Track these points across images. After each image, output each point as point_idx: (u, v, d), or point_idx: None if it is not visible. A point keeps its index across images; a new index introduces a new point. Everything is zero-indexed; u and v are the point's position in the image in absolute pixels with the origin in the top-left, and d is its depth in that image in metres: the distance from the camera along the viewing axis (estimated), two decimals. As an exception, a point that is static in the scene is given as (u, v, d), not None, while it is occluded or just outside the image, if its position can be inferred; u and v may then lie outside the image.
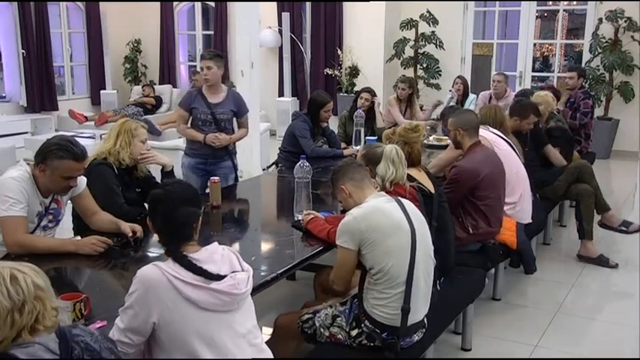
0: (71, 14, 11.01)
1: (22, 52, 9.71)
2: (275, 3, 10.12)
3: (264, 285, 2.60)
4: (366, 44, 9.81)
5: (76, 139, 3.01)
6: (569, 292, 4.33)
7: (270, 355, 2.19)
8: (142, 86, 10.55)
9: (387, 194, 2.79)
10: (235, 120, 4.72)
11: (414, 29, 9.41)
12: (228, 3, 10.56)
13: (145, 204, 2.31)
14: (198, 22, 11.43)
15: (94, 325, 2.09)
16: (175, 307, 1.93)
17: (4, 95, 10.22)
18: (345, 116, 5.91)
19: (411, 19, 9.35)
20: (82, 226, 3.20)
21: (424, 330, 2.72)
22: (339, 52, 9.96)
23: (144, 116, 9.17)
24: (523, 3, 9.42)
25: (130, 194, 3.46)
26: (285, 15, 9.77)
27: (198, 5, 11.32)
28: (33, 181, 2.89)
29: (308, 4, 10.29)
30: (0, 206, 2.78)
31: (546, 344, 3.60)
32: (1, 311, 1.50)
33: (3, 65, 10.26)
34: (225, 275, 2.03)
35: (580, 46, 10.04)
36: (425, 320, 2.72)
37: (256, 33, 6.13)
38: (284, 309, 3.48)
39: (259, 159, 6.02)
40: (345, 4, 9.96)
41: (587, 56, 8.88)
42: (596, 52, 8.50)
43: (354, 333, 2.64)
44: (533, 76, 9.80)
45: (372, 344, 2.62)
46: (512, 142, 4.40)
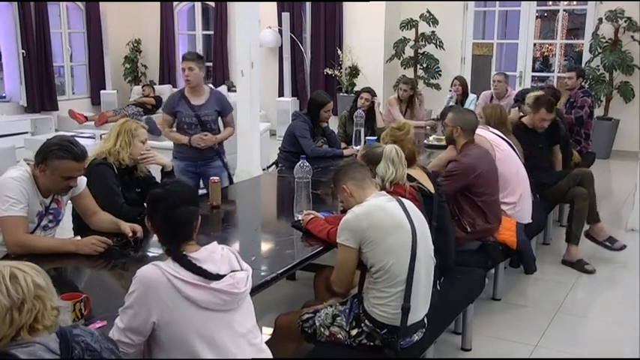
0: (71, 14, 11.02)
1: (22, 52, 9.71)
2: (275, 3, 10.12)
3: (264, 285, 2.60)
4: (366, 44, 9.81)
5: (76, 139, 3.01)
6: (569, 292, 4.33)
7: (270, 355, 2.19)
8: (142, 86, 10.55)
9: (387, 194, 2.79)
10: (220, 119, 4.73)
11: (414, 29, 9.42)
12: (228, 3, 10.57)
13: (145, 204, 2.30)
14: (198, 22, 11.43)
15: (94, 325, 2.09)
16: (175, 307, 1.93)
17: (4, 95, 10.23)
18: (345, 116, 5.91)
19: (411, 19, 9.35)
20: (82, 226, 3.20)
21: (424, 330, 2.73)
22: (339, 52, 9.96)
23: (144, 116, 9.17)
24: (523, 3, 9.42)
25: (130, 194, 3.46)
26: (285, 15, 9.77)
27: (198, 5, 11.32)
28: (33, 181, 2.89)
29: (308, 4, 10.29)
30: (0, 206, 2.79)
31: (546, 344, 3.60)
32: (0, 309, 1.50)
33: (3, 65, 10.27)
34: (225, 275, 2.04)
35: (580, 46, 10.04)
36: (425, 320, 2.72)
37: (256, 33, 6.13)
38: (284, 309, 3.48)
39: (259, 159, 6.02)
40: (345, 4, 9.96)
41: (587, 56, 8.88)
42: (596, 52, 8.50)
43: (354, 332, 2.64)
44: (533, 76, 9.80)
45: (372, 344, 2.62)
46: (512, 142, 4.41)
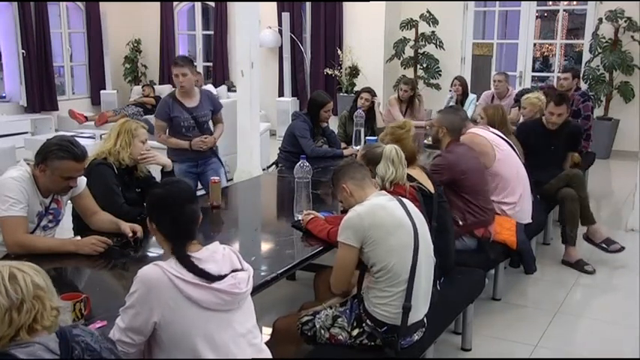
0: (71, 14, 11.02)
1: (22, 52, 9.71)
2: (275, 3, 10.12)
3: (264, 285, 2.60)
4: (366, 44, 9.81)
5: (76, 139, 3.01)
6: (569, 292, 4.33)
7: (270, 355, 2.19)
8: (142, 86, 10.54)
9: (387, 193, 2.79)
10: (211, 118, 4.74)
11: (414, 29, 9.41)
12: (228, 3, 10.57)
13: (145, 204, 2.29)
14: (198, 22, 11.43)
15: (94, 325, 2.09)
16: (177, 307, 1.93)
17: (4, 95, 10.23)
18: (345, 116, 5.92)
19: (411, 19, 9.35)
20: (82, 226, 3.20)
21: (424, 329, 2.72)
22: (339, 52, 9.96)
23: (144, 116, 9.17)
24: (523, 3, 9.42)
25: (130, 194, 3.46)
26: (285, 15, 9.77)
27: (198, 5, 11.32)
28: (33, 181, 2.89)
29: (308, 4, 10.29)
30: (0, 206, 2.79)
31: (546, 344, 3.60)
32: None
33: (3, 65, 10.26)
34: (226, 275, 2.04)
35: (580, 46, 10.04)
36: (425, 320, 2.72)
37: (256, 33, 6.13)
38: (284, 309, 3.49)
39: (259, 159, 6.03)
40: (345, 4, 9.96)
41: (587, 56, 8.87)
42: (596, 52, 8.50)
43: (355, 333, 2.64)
44: (533, 76, 9.80)
45: (372, 343, 2.62)
46: (512, 143, 4.41)
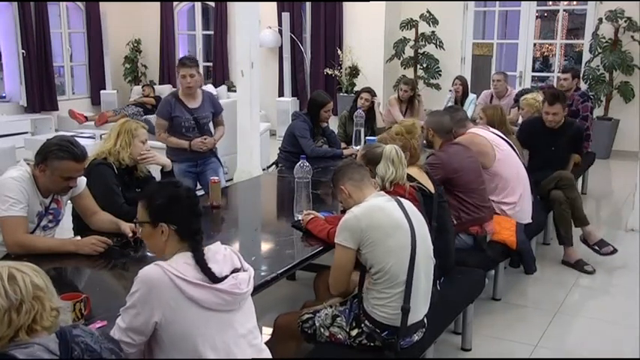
0: (71, 14, 11.02)
1: (22, 52, 9.71)
2: (275, 3, 10.11)
3: (264, 285, 2.60)
4: (366, 44, 9.81)
5: (76, 139, 3.02)
6: (569, 292, 4.33)
7: (270, 356, 2.19)
8: (142, 86, 10.54)
9: (386, 194, 2.79)
10: (212, 120, 4.74)
11: (414, 29, 9.41)
12: (228, 3, 10.57)
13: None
14: (198, 22, 11.43)
15: (94, 325, 2.09)
16: (177, 307, 1.93)
17: (4, 95, 10.23)
18: (345, 116, 5.92)
19: (411, 19, 9.35)
20: (82, 226, 3.20)
21: (424, 330, 2.73)
22: (339, 52, 9.95)
23: (144, 116, 9.17)
24: (523, 3, 9.41)
25: (130, 194, 3.46)
26: (285, 15, 9.77)
27: (198, 5, 11.32)
28: (33, 181, 2.89)
29: (308, 4, 10.28)
30: (0, 206, 2.79)
31: (546, 344, 3.60)
32: None
33: (3, 65, 10.26)
34: (227, 275, 2.04)
35: (580, 46, 10.04)
36: (425, 320, 2.72)
37: (256, 33, 6.13)
38: (284, 309, 3.48)
39: (259, 159, 6.02)
40: (345, 4, 9.96)
41: (587, 56, 8.87)
42: (596, 52, 8.50)
43: (354, 333, 2.64)
44: (533, 76, 9.80)
45: (372, 344, 2.62)
46: (512, 143, 4.41)
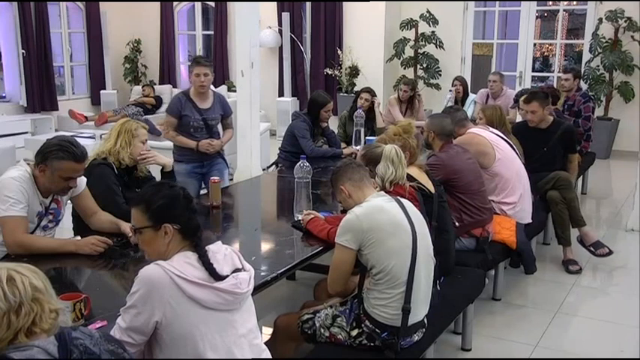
0: (71, 14, 11.02)
1: (22, 52, 9.71)
2: (275, 3, 10.12)
3: (264, 285, 2.60)
4: (366, 44, 9.81)
5: (76, 139, 3.01)
6: (569, 292, 4.33)
7: (270, 356, 2.19)
8: (142, 86, 10.55)
9: (386, 194, 2.79)
10: (220, 122, 4.73)
11: (414, 29, 9.41)
12: (228, 3, 10.57)
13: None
14: (198, 22, 11.43)
15: (94, 325, 2.09)
16: (178, 306, 1.93)
17: (4, 95, 10.23)
18: (345, 116, 5.92)
19: (411, 19, 9.35)
20: (82, 226, 3.20)
21: (424, 330, 2.73)
22: (339, 52, 9.96)
23: (144, 116, 9.17)
24: (523, 3, 9.42)
25: (130, 194, 3.45)
26: (285, 15, 9.77)
27: (198, 5, 11.32)
28: (33, 181, 2.89)
29: (308, 4, 10.28)
30: (0, 206, 2.79)
31: (546, 344, 3.60)
32: None
33: (3, 65, 10.27)
34: (228, 275, 2.04)
35: (580, 46, 10.04)
36: (425, 320, 2.72)
37: (256, 33, 6.12)
38: (284, 309, 3.49)
39: (259, 159, 6.02)
40: (345, 4, 9.96)
41: (587, 56, 8.87)
42: (596, 52, 8.50)
43: (354, 333, 2.64)
44: (533, 76, 9.80)
45: (372, 344, 2.62)
46: (512, 143, 4.41)
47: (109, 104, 10.36)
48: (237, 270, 2.10)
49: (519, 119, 5.84)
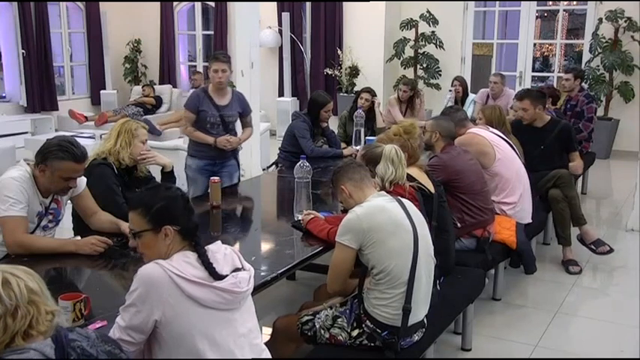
0: (71, 14, 11.02)
1: (22, 52, 9.71)
2: (275, 3, 10.11)
3: (264, 285, 2.60)
4: (366, 44, 9.81)
5: (76, 139, 3.01)
6: (569, 292, 4.33)
7: (270, 356, 2.19)
8: (142, 86, 10.54)
9: (387, 194, 2.79)
10: (239, 120, 4.71)
11: (414, 29, 9.41)
12: (228, 3, 10.56)
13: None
14: (198, 22, 11.43)
15: (93, 326, 2.09)
16: (177, 305, 1.93)
17: (4, 95, 10.23)
18: (345, 116, 5.92)
19: (411, 19, 9.35)
20: (82, 226, 3.20)
21: (424, 330, 2.73)
22: (339, 52, 9.95)
23: (144, 116, 9.17)
24: (523, 3, 9.41)
25: (130, 194, 3.45)
26: (285, 15, 9.77)
27: (198, 5, 11.32)
28: (33, 181, 2.89)
29: (308, 4, 10.28)
30: (0, 206, 2.79)
31: (546, 344, 3.60)
32: None
33: (3, 65, 10.27)
34: (227, 274, 2.04)
35: (580, 46, 10.04)
36: (425, 320, 2.72)
37: (256, 33, 6.12)
38: (284, 309, 3.49)
39: (259, 159, 6.02)
40: (345, 4, 9.96)
41: (587, 56, 8.87)
42: (596, 52, 8.50)
43: (354, 333, 2.64)
44: (533, 76, 9.80)
45: (372, 344, 2.62)
46: (512, 143, 4.41)
47: (109, 104, 10.36)
48: (236, 269, 2.10)
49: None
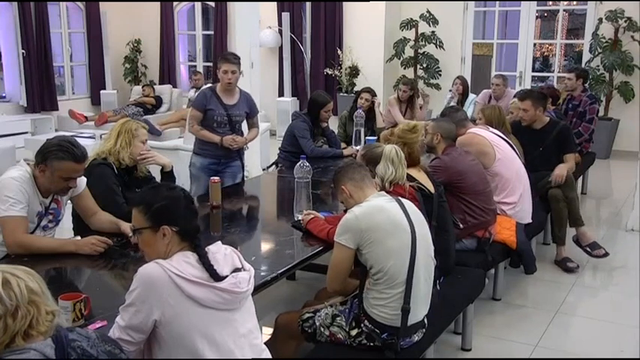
0: (71, 14, 11.02)
1: (22, 52, 9.71)
2: (275, 3, 10.12)
3: (264, 285, 2.60)
4: (366, 44, 9.81)
5: (76, 139, 3.02)
6: (569, 292, 4.33)
7: (270, 356, 2.19)
8: (142, 86, 10.54)
9: (387, 194, 2.79)
10: (246, 120, 4.72)
11: (414, 29, 9.42)
12: (228, 3, 10.56)
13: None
14: (198, 22, 11.43)
15: (93, 326, 2.09)
16: (177, 305, 1.93)
17: (4, 95, 10.23)
18: (345, 116, 5.92)
19: (411, 19, 9.35)
20: (82, 226, 3.20)
21: (424, 330, 2.73)
22: (339, 52, 9.96)
23: (144, 116, 9.17)
24: (523, 3, 9.42)
25: (130, 194, 3.45)
26: (285, 15, 9.76)
27: (198, 5, 11.32)
28: (33, 181, 2.89)
29: (308, 4, 10.29)
30: (0, 206, 2.79)
31: (546, 344, 3.60)
32: None
33: (3, 65, 10.27)
34: (227, 275, 2.04)
35: (580, 46, 10.04)
36: (425, 320, 2.72)
37: (256, 33, 6.14)
38: (284, 309, 3.48)
39: (259, 159, 6.03)
40: (345, 4, 9.96)
41: (587, 56, 8.88)
42: (596, 52, 8.50)
43: (353, 333, 2.64)
44: (533, 76, 9.80)
45: (371, 344, 2.62)
46: (512, 142, 4.41)
47: (109, 104, 10.36)
48: (237, 270, 2.10)
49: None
